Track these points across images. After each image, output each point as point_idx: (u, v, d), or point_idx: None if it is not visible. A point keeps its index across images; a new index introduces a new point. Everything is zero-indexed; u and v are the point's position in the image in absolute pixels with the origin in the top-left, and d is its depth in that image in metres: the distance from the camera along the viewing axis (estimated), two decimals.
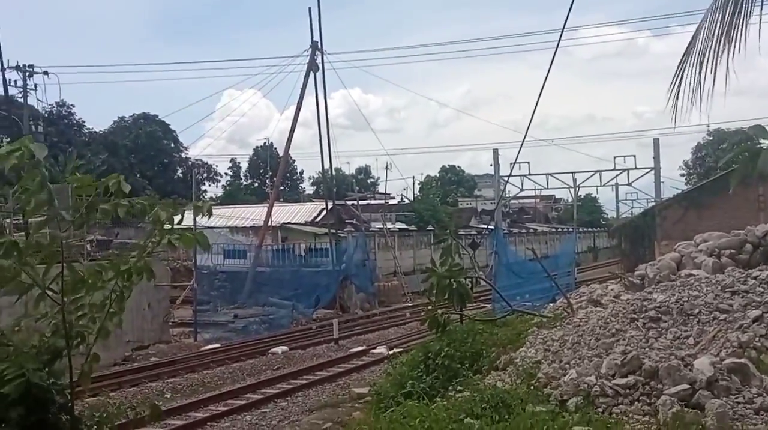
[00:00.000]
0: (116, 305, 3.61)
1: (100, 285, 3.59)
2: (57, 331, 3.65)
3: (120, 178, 3.52)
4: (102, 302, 3.58)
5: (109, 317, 3.61)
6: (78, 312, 3.61)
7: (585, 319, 8.02)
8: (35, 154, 3.24)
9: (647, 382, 6.17)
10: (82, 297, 3.60)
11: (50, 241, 3.52)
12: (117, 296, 3.60)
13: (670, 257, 10.37)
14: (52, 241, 3.51)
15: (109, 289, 3.60)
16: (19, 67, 30.85)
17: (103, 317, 3.59)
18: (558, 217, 71.97)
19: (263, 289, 26.24)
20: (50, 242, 3.52)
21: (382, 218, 38.00)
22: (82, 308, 3.60)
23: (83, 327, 3.60)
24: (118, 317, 3.64)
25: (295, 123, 30.41)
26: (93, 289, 3.58)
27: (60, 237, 3.48)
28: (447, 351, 7.92)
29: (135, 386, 14.42)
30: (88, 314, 3.58)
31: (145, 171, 57.03)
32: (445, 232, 9.69)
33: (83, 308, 3.60)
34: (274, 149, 58.29)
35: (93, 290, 3.57)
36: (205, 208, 3.77)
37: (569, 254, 31.06)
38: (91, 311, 3.59)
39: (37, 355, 3.70)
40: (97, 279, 3.61)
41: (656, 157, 29.24)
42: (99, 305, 3.59)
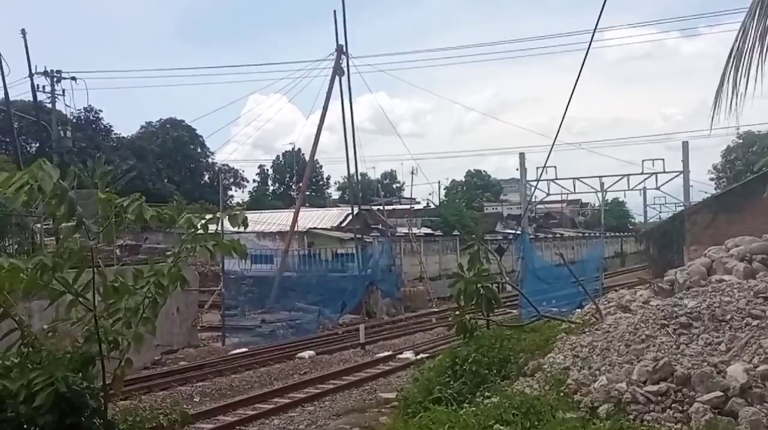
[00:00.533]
0: (149, 310, 3.68)
1: (133, 291, 3.66)
2: (90, 337, 3.74)
3: (142, 199, 3.60)
4: (135, 307, 3.65)
5: (143, 323, 3.68)
6: (112, 317, 3.70)
7: (614, 325, 7.94)
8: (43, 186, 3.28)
9: (679, 389, 6.10)
10: (117, 302, 3.69)
11: (80, 248, 3.61)
12: (150, 302, 3.67)
13: (700, 262, 10.21)
14: (81, 248, 3.61)
15: (142, 295, 3.66)
16: (47, 73, 31.49)
17: (136, 323, 3.67)
18: (585, 221, 71.08)
19: (290, 294, 26.46)
20: (79, 249, 3.61)
21: (408, 223, 38.01)
22: (116, 312, 3.68)
23: (117, 333, 3.67)
24: (151, 323, 3.71)
25: (321, 128, 30.47)
26: (127, 294, 3.67)
27: (89, 246, 3.57)
28: (475, 357, 7.89)
29: (165, 390, 14.63)
30: (123, 318, 3.66)
31: (172, 176, 57.82)
32: (473, 237, 9.66)
33: (118, 313, 3.67)
34: (301, 155, 58.74)
35: (127, 295, 3.66)
36: (240, 219, 3.83)
37: (596, 259, 30.71)
38: (125, 315, 3.66)
39: (70, 361, 3.80)
40: (132, 285, 3.71)
41: (685, 160, 28.73)
42: (132, 310, 3.66)
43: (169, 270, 3.68)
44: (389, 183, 71.69)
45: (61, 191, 3.35)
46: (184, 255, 3.74)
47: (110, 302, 3.72)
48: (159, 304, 3.69)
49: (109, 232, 3.76)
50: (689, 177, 29.12)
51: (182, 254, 3.74)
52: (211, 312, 24.69)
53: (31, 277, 3.48)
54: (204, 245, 3.66)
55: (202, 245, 3.68)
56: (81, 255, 3.62)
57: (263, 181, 71.65)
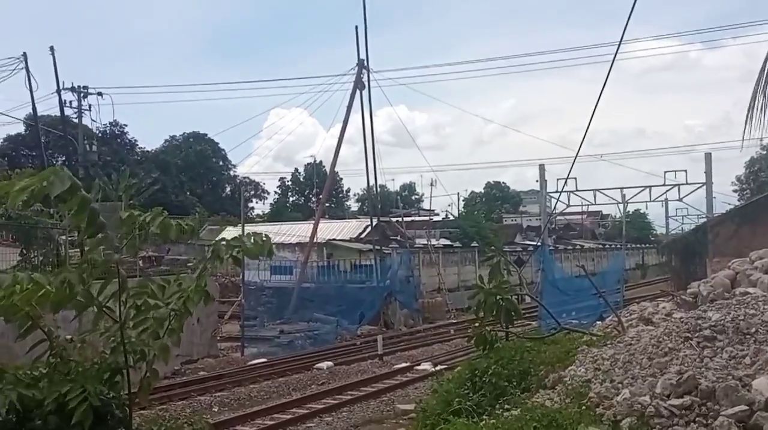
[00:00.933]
0: (175, 322, 3.71)
1: (159, 304, 3.71)
2: (116, 348, 3.78)
3: (165, 215, 3.63)
4: (161, 319, 3.69)
5: (168, 334, 3.72)
6: (138, 328, 3.73)
7: (636, 337, 7.85)
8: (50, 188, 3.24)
9: (703, 403, 6.01)
10: (144, 311, 3.72)
11: (104, 261, 3.65)
12: (176, 315, 3.70)
13: (723, 275, 10.05)
14: (106, 261, 3.65)
15: (168, 308, 3.70)
16: (74, 89, 32.28)
17: (162, 334, 3.70)
18: (605, 233, 70.37)
19: (308, 304, 26.53)
20: (104, 261, 3.65)
21: (427, 234, 37.98)
22: (143, 323, 3.72)
23: (143, 344, 3.71)
24: (176, 334, 3.74)
25: (341, 141, 30.77)
26: (153, 308, 3.70)
27: (114, 260, 3.61)
28: (494, 369, 7.84)
29: (184, 400, 14.75)
30: (149, 329, 3.70)
31: (194, 189, 58.68)
32: (492, 248, 9.65)
33: (144, 323, 3.71)
34: (322, 167, 59.19)
35: (153, 308, 3.70)
36: (266, 249, 3.84)
37: (617, 270, 30.35)
38: (151, 326, 3.70)
39: (98, 372, 3.83)
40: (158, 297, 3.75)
41: (708, 171, 28.42)
42: (158, 321, 3.69)
43: (195, 286, 3.69)
44: (408, 195, 71.82)
45: (82, 201, 3.36)
46: (208, 269, 3.78)
47: (136, 313, 3.78)
48: (184, 316, 3.73)
49: (132, 245, 3.76)
50: (712, 188, 28.80)
51: (206, 268, 3.79)
52: (230, 322, 24.86)
53: (58, 292, 3.53)
54: (229, 255, 3.68)
55: (226, 256, 3.69)
56: (106, 267, 3.67)
57: (283, 193, 72.26)
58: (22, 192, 3.23)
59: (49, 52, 28.57)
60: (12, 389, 3.63)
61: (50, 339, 3.98)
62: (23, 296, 3.48)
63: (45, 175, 3.31)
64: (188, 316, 3.73)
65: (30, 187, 3.22)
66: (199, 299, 3.67)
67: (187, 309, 3.69)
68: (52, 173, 3.30)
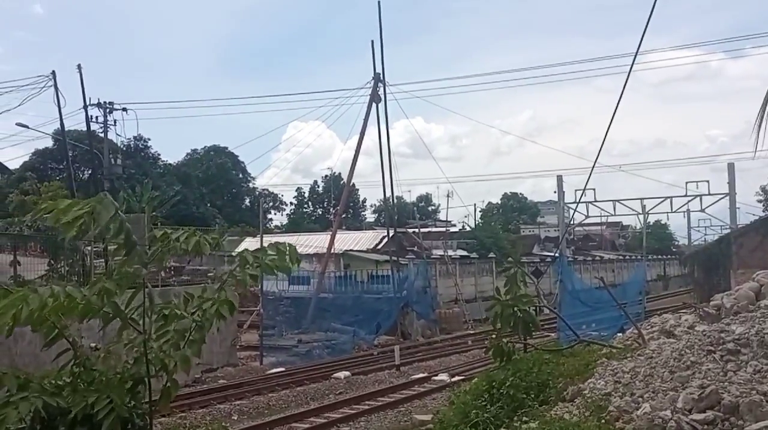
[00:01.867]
0: (197, 333, 3.76)
1: (183, 314, 3.76)
2: (139, 358, 3.82)
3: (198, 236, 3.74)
4: (183, 330, 3.74)
5: (189, 345, 3.76)
6: (161, 339, 3.79)
7: (658, 350, 7.75)
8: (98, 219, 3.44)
9: (727, 418, 5.91)
10: (166, 325, 3.79)
11: (132, 273, 3.72)
12: (198, 325, 3.74)
13: (748, 287, 9.88)
14: (134, 273, 3.72)
15: (191, 319, 3.75)
16: (100, 104, 33.05)
17: (184, 345, 3.75)
18: (625, 244, 69.59)
19: (326, 314, 26.60)
20: (132, 274, 3.72)
21: (443, 245, 37.89)
22: (165, 334, 3.77)
23: (165, 355, 3.76)
24: (197, 345, 3.78)
25: (358, 153, 31.04)
26: (176, 320, 3.76)
27: (141, 274, 3.68)
28: (512, 381, 7.78)
29: (204, 408, 14.85)
30: (171, 340, 3.75)
31: (215, 201, 59.49)
32: (509, 259, 9.61)
33: (166, 335, 3.76)
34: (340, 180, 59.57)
35: (176, 320, 3.76)
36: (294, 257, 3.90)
37: (638, 282, 29.96)
38: (173, 337, 3.75)
39: (120, 381, 3.87)
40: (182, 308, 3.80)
41: (731, 182, 27.97)
42: (180, 333, 3.75)
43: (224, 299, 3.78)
44: (425, 206, 71.87)
45: (120, 223, 3.53)
46: (231, 282, 3.84)
47: (159, 324, 3.84)
48: (206, 328, 3.78)
49: (161, 259, 3.87)
50: (735, 199, 28.32)
51: (230, 280, 3.85)
52: (249, 332, 24.98)
53: (87, 303, 3.62)
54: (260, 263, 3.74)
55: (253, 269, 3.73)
56: (133, 280, 3.75)
57: (300, 203, 72.75)
58: (72, 225, 3.44)
59: (76, 70, 29.29)
60: (38, 397, 3.69)
61: (74, 349, 4.03)
62: (53, 308, 3.58)
63: (91, 204, 3.48)
64: (210, 327, 3.78)
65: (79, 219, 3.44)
66: (228, 311, 3.75)
67: (209, 320, 3.75)
68: (98, 203, 3.47)
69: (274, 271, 3.86)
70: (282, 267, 3.82)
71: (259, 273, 3.74)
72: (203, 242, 3.68)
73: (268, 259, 3.71)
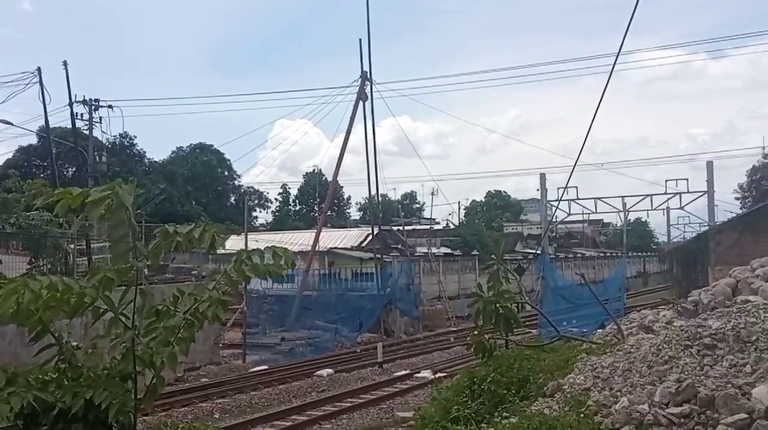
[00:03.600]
0: (185, 331, 3.76)
1: (173, 312, 3.77)
2: (127, 355, 3.83)
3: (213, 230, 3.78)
4: (173, 328, 3.74)
5: (177, 343, 3.76)
6: (149, 335, 3.79)
7: (636, 346, 7.85)
8: (125, 202, 3.51)
9: (703, 411, 6.00)
10: (156, 321, 3.79)
11: (127, 268, 3.75)
12: (188, 323, 3.74)
13: (725, 283, 10.06)
14: (129, 269, 3.74)
15: (182, 316, 3.75)
16: (85, 101, 32.60)
17: (172, 342, 3.75)
18: (606, 241, 70.32)
19: (310, 312, 26.57)
20: (127, 268, 3.75)
21: (427, 242, 38.00)
22: (154, 331, 3.77)
23: (153, 351, 3.76)
24: (185, 343, 3.79)
25: (344, 151, 31.01)
26: (166, 317, 3.76)
27: (138, 267, 3.69)
28: (493, 376, 7.85)
29: (186, 406, 14.75)
30: (160, 337, 3.75)
31: (200, 198, 59.14)
32: (492, 257, 9.65)
33: (155, 331, 3.76)
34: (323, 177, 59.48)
35: (166, 318, 3.76)
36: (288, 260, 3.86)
37: (618, 279, 30.32)
38: (162, 334, 3.75)
39: (107, 377, 3.87)
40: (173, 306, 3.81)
41: (709, 180, 28.44)
42: (170, 330, 3.74)
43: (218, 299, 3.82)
44: (409, 204, 71.90)
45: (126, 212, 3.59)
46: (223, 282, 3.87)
47: (149, 321, 3.84)
48: (196, 325, 3.77)
49: (157, 254, 3.86)
50: (714, 197, 28.78)
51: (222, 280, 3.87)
52: (233, 330, 24.86)
53: (79, 297, 3.61)
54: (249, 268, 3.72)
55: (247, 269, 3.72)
56: (127, 275, 3.74)
57: (285, 201, 72.52)
58: (97, 205, 3.45)
59: (62, 66, 28.89)
60: (27, 392, 3.70)
61: (60, 344, 4.03)
62: (45, 300, 3.55)
63: (113, 187, 3.49)
64: (201, 326, 3.78)
65: (105, 200, 3.45)
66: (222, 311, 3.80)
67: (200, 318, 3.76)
68: (118, 186, 3.50)
69: (267, 277, 3.84)
70: (276, 271, 3.82)
71: (254, 276, 3.75)
72: (219, 240, 3.71)
73: (264, 261, 3.71)
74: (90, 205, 3.44)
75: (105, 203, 3.45)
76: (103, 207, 3.45)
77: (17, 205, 26.99)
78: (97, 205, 3.45)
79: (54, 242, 20.21)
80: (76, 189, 3.57)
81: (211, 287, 3.81)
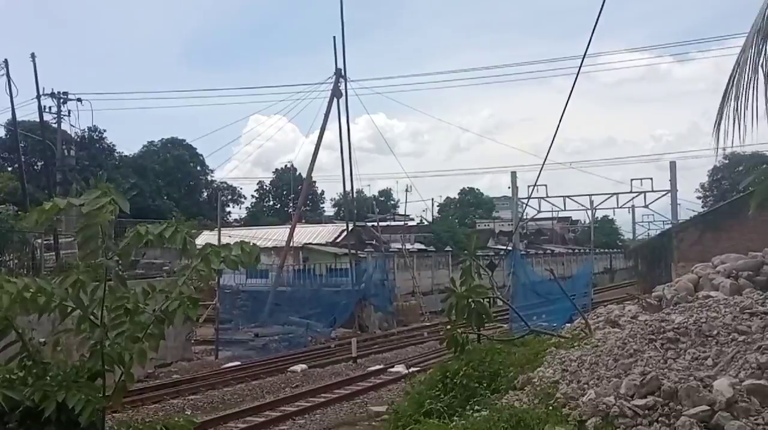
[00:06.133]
0: (155, 327, 3.75)
1: (141, 309, 3.75)
2: (96, 352, 3.80)
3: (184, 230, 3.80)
4: (142, 324, 3.73)
5: (147, 339, 3.75)
6: (116, 330, 3.77)
7: (603, 339, 8.04)
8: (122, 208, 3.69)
9: (666, 403, 6.16)
10: (123, 317, 3.78)
11: (97, 265, 3.73)
12: (157, 320, 3.73)
13: (687, 279, 10.36)
14: (99, 265, 3.72)
15: (149, 313, 3.73)
16: (53, 94, 31.93)
17: (142, 338, 3.75)
18: (575, 238, 71.49)
19: (284, 308, 26.48)
20: (97, 265, 3.72)
21: (402, 238, 38.17)
22: (121, 326, 3.76)
23: (121, 348, 3.74)
24: (155, 340, 3.78)
25: (318, 148, 31.02)
26: (135, 314, 3.75)
27: (109, 265, 3.67)
28: (465, 370, 7.93)
29: (156, 403, 14.63)
30: (128, 333, 3.73)
31: (172, 193, 58.27)
32: (465, 253, 9.78)
33: (122, 326, 3.75)
34: (297, 173, 59.11)
35: (136, 314, 3.74)
36: (254, 255, 3.89)
37: (586, 274, 30.91)
38: (130, 330, 3.74)
39: (77, 375, 3.84)
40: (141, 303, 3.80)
41: (673, 179, 29.14)
42: (139, 326, 3.73)
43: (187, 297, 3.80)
44: (384, 200, 71.99)
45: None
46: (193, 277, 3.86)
47: (116, 315, 3.81)
48: (166, 322, 3.76)
49: (128, 252, 3.84)
50: (677, 196, 29.51)
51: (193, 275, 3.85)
52: (205, 326, 24.67)
53: (48, 296, 3.59)
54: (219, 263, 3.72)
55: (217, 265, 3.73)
56: (97, 273, 3.72)
57: (261, 197, 71.97)
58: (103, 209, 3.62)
59: (30, 58, 28.25)
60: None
61: (24, 341, 3.97)
62: (11, 300, 3.54)
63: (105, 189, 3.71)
64: (171, 322, 3.76)
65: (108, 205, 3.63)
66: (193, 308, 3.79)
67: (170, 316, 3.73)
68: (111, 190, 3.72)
69: (238, 267, 3.82)
70: (246, 264, 3.85)
71: (224, 269, 3.78)
72: (189, 239, 3.70)
73: (231, 255, 3.73)
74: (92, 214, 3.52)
75: (111, 209, 3.55)
76: (108, 214, 3.57)
77: None
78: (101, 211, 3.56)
79: (21, 236, 19.78)
80: (61, 200, 3.64)
81: (180, 283, 3.77)
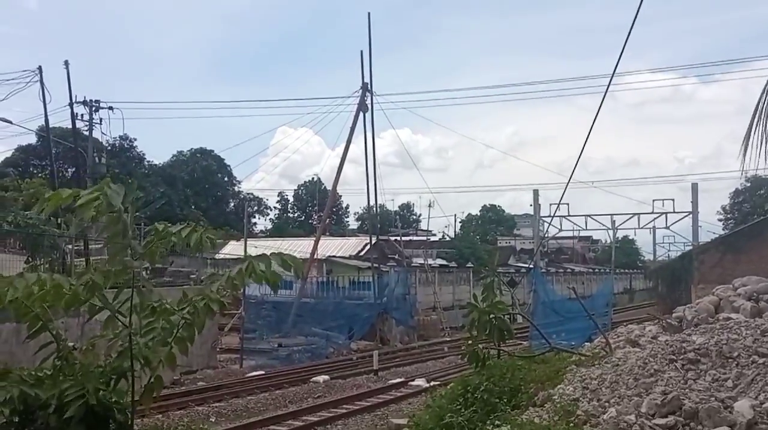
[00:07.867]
0: (185, 331, 3.81)
1: (172, 312, 3.82)
2: (124, 353, 3.87)
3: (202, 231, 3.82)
4: (172, 328, 3.79)
5: (176, 343, 3.81)
6: (147, 335, 3.84)
7: (623, 358, 8.07)
8: (113, 203, 3.52)
9: (687, 423, 6.16)
10: (153, 321, 3.85)
11: (122, 268, 3.77)
12: (187, 323, 3.79)
13: (708, 300, 10.31)
14: (124, 268, 3.76)
15: (180, 316, 3.79)
16: (86, 102, 32.65)
17: (171, 341, 3.81)
18: (595, 257, 70.75)
19: (307, 319, 26.72)
20: (122, 269, 3.76)
21: (424, 253, 38.27)
22: (152, 331, 3.83)
23: (149, 351, 3.81)
24: (184, 343, 3.83)
25: (343, 161, 31.31)
26: (165, 315, 3.80)
27: (133, 266, 3.72)
28: (486, 385, 7.93)
29: (182, 409, 14.85)
30: (158, 336, 3.80)
31: (199, 203, 59.08)
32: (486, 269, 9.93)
33: (153, 331, 3.82)
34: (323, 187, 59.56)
35: (165, 316, 3.80)
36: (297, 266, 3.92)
37: (606, 294, 30.67)
38: (160, 334, 3.80)
39: (102, 374, 3.93)
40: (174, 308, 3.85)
41: (694, 201, 28.98)
42: (168, 330, 3.79)
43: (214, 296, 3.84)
44: (406, 214, 72.09)
45: (119, 211, 3.61)
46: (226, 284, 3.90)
47: (147, 320, 3.86)
48: (197, 324, 3.80)
49: (153, 253, 4.00)
50: (698, 217, 29.28)
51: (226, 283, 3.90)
52: (230, 335, 25.01)
53: (74, 293, 3.64)
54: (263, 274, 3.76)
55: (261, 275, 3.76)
56: (124, 275, 3.78)
57: (284, 208, 72.59)
58: (89, 206, 3.48)
59: (63, 66, 29.03)
60: (15, 387, 3.74)
61: (58, 342, 4.09)
62: (39, 296, 3.58)
63: (102, 189, 3.54)
64: (202, 326, 3.80)
65: (95, 201, 3.49)
66: (217, 306, 3.80)
67: (200, 317, 3.77)
68: (105, 186, 3.55)
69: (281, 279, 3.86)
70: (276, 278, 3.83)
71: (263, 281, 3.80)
72: (205, 239, 3.70)
73: (271, 268, 3.77)
74: (80, 207, 3.46)
75: (95, 204, 3.47)
76: (94, 208, 3.47)
77: (15, 204, 26.95)
78: (87, 206, 3.45)
79: (51, 241, 20.26)
80: (67, 190, 3.59)
81: (214, 289, 3.82)
